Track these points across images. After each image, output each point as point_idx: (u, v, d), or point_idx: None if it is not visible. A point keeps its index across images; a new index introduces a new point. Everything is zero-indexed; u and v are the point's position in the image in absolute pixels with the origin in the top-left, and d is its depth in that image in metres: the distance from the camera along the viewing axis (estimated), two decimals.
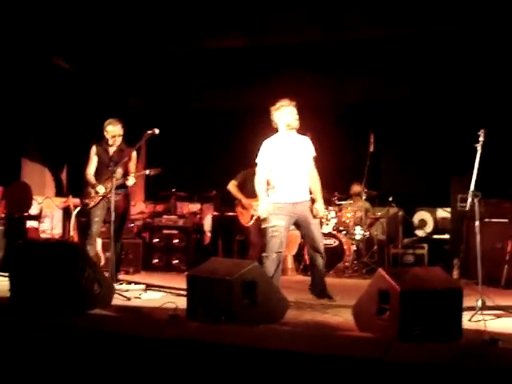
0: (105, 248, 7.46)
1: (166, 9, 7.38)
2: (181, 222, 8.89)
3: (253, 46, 8.37)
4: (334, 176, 8.71)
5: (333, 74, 8.60)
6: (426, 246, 8.65)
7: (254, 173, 7.97)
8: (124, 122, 6.86)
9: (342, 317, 5.16)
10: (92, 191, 6.71)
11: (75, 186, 7.92)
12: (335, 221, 8.72)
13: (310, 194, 6.02)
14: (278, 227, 5.70)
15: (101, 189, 6.64)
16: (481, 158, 5.45)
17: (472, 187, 5.48)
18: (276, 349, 3.80)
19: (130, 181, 6.67)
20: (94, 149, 6.83)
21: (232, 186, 8.00)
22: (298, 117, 5.79)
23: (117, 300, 5.66)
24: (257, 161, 5.94)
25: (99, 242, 7.29)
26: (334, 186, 8.92)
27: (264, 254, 5.78)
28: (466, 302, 5.00)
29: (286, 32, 7.99)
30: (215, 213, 9.41)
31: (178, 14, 7.51)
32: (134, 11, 7.47)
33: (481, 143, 5.41)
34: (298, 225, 5.95)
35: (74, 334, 4.29)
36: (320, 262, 5.98)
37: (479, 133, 5.41)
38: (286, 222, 5.74)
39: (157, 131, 6.24)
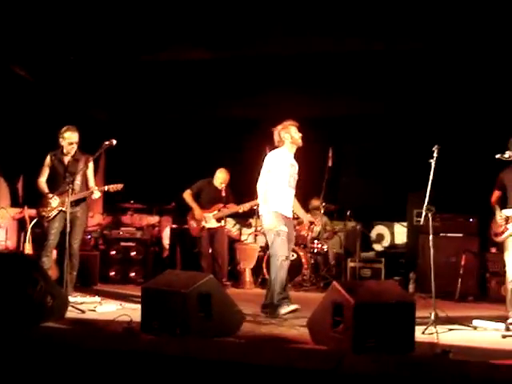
0: (61, 260, 7.33)
1: (132, 18, 7.33)
2: (138, 235, 8.81)
3: (217, 58, 8.38)
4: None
5: (292, 88, 8.65)
6: (382, 259, 8.74)
7: (210, 184, 8.06)
8: (84, 132, 6.79)
9: (297, 330, 5.18)
10: (48, 201, 6.60)
11: (31, 196, 7.78)
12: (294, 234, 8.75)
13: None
14: (285, 233, 5.95)
15: (54, 200, 6.54)
16: (436, 173, 5.55)
17: (426, 202, 5.59)
18: (230, 361, 3.78)
19: (96, 194, 6.61)
20: (48, 158, 6.74)
21: (187, 195, 8.07)
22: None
23: (71, 313, 5.58)
24: (271, 174, 6.07)
25: (54, 253, 7.16)
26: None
27: (281, 258, 5.89)
28: (420, 315, 5.09)
29: (247, 45, 8.02)
30: (174, 225, 9.35)
31: (145, 24, 7.47)
32: (98, 20, 7.39)
33: (435, 159, 5.51)
34: None
35: (26, 347, 4.20)
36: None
37: (433, 149, 5.52)
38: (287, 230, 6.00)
39: (114, 142, 6.20)
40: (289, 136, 6.14)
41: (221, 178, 8.10)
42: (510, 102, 8.38)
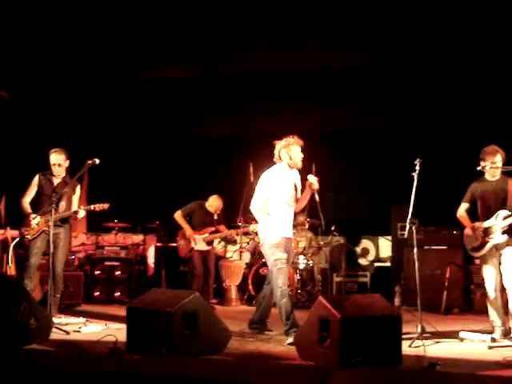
0: (44, 281, 7.25)
1: (115, 37, 7.35)
2: (123, 254, 8.73)
3: (201, 76, 8.41)
4: None
5: (277, 104, 8.72)
6: (368, 273, 8.76)
7: (202, 207, 8.06)
8: (69, 153, 6.76)
9: (284, 346, 5.17)
10: (32, 223, 6.55)
11: (13, 217, 7.70)
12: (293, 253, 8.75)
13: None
14: (284, 260, 5.67)
15: (35, 219, 6.49)
16: (419, 186, 5.58)
17: (410, 215, 5.61)
18: (218, 380, 3.75)
19: (81, 213, 6.58)
20: (36, 178, 6.70)
21: (178, 216, 8.05)
22: (301, 154, 5.89)
23: (55, 334, 5.52)
24: (256, 190, 5.88)
25: (37, 274, 7.09)
26: None
27: (280, 288, 5.61)
28: (407, 329, 5.11)
29: (234, 63, 8.08)
30: (158, 244, 9.30)
31: (128, 42, 7.49)
32: (80, 40, 7.40)
33: (417, 172, 5.55)
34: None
35: (9, 370, 4.13)
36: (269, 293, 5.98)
37: (415, 162, 5.55)
38: (286, 255, 5.73)
39: (97, 161, 6.18)
40: (288, 157, 5.85)
41: (215, 205, 8.11)
42: (490, 115, 8.51)
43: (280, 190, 5.80)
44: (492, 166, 5.68)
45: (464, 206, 5.98)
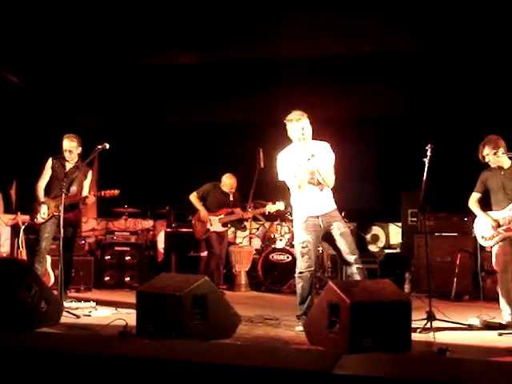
0: (54, 265, 7.29)
1: (120, 24, 7.33)
2: (133, 239, 8.77)
3: (209, 62, 8.38)
4: (288, 192, 8.77)
5: (286, 89, 8.68)
6: (378, 260, 8.74)
7: (216, 188, 8.02)
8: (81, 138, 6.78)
9: (293, 331, 5.17)
10: (43, 206, 6.58)
11: (24, 202, 7.75)
12: (288, 236, 8.74)
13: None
14: (306, 243, 5.41)
15: (44, 211, 6.51)
16: (430, 173, 5.54)
17: (420, 201, 5.58)
18: (226, 363, 3.75)
19: (90, 199, 6.63)
20: (49, 161, 6.73)
21: (193, 198, 8.03)
22: (306, 127, 5.46)
23: (66, 318, 5.56)
24: (280, 178, 5.58)
25: (49, 259, 7.13)
26: (288, 201, 8.96)
27: (296, 274, 5.50)
28: (417, 315, 5.10)
29: (236, 49, 8.05)
30: (168, 229, 9.32)
31: (136, 29, 7.47)
32: (88, 26, 7.38)
33: (428, 158, 5.49)
34: (326, 238, 5.58)
35: (19, 352, 4.16)
36: (354, 271, 5.39)
37: (426, 147, 5.50)
38: (313, 237, 5.43)
39: (107, 146, 6.16)
40: (291, 134, 5.56)
41: (228, 184, 8.05)
42: (502, 102, 8.43)
43: (291, 169, 5.46)
44: (492, 152, 5.60)
45: (475, 196, 5.85)
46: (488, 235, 5.66)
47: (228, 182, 8.06)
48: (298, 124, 5.45)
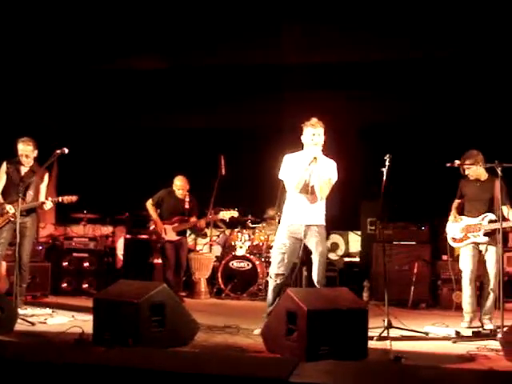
0: (10, 272, 7.15)
1: (85, 26, 7.28)
2: (92, 245, 8.67)
3: (171, 67, 8.37)
4: (249, 200, 8.82)
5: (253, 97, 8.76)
6: (337, 268, 8.81)
7: (170, 194, 7.93)
8: (38, 142, 6.67)
9: (252, 339, 5.18)
10: (9, 211, 6.44)
11: None
12: (249, 244, 8.77)
13: None
14: (282, 246, 5.50)
15: (10, 209, 6.40)
16: (388, 182, 5.61)
17: (379, 210, 5.66)
18: (183, 371, 3.74)
19: (48, 205, 6.51)
20: (3, 166, 6.61)
21: (149, 205, 7.92)
22: (318, 135, 5.49)
23: (21, 325, 5.46)
24: (280, 176, 5.63)
25: (4, 265, 7.00)
26: (249, 209, 9.00)
27: (269, 276, 5.69)
28: (374, 323, 5.16)
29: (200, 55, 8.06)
30: (128, 235, 9.22)
31: (99, 32, 7.42)
32: (49, 29, 7.31)
33: (387, 167, 5.58)
34: (307, 249, 5.55)
35: None
36: None
37: (385, 158, 5.58)
38: (291, 243, 5.49)
39: (66, 150, 6.08)
40: (303, 137, 5.60)
41: (180, 185, 7.86)
42: (459, 111, 8.61)
43: (295, 170, 5.50)
44: (471, 166, 6.05)
45: (455, 202, 6.38)
46: (458, 237, 6.18)
47: (179, 183, 7.87)
48: (312, 130, 5.50)
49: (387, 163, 5.59)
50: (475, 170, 6.08)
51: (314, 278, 5.45)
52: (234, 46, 7.67)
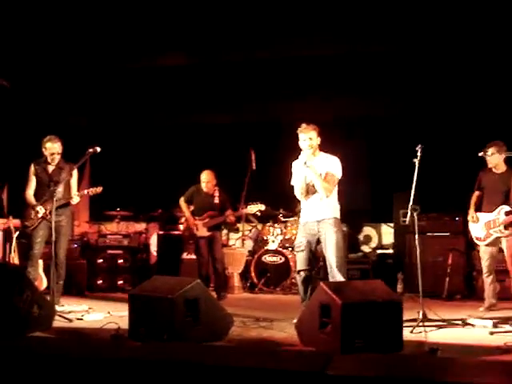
0: (47, 269, 7.27)
1: (111, 25, 7.35)
2: (126, 242, 8.76)
3: (199, 64, 8.41)
4: (280, 193, 8.79)
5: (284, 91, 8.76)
6: (370, 260, 8.77)
7: (199, 190, 7.95)
8: (65, 140, 6.77)
9: (286, 332, 5.18)
10: (32, 212, 6.58)
11: (16, 206, 7.73)
12: (281, 238, 8.76)
13: None
14: (299, 244, 5.78)
15: (40, 209, 6.51)
16: (421, 173, 5.57)
17: (411, 202, 5.61)
18: (219, 364, 3.76)
19: (75, 199, 6.60)
20: (32, 168, 6.72)
21: (182, 202, 7.94)
22: (308, 140, 5.70)
23: (58, 322, 5.55)
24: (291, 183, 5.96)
25: (41, 263, 7.13)
26: (280, 203, 8.98)
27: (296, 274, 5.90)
28: (409, 315, 5.13)
29: (228, 51, 8.09)
30: (161, 232, 9.29)
31: (125, 31, 7.48)
32: (78, 28, 7.39)
33: (419, 158, 5.54)
34: (320, 243, 5.81)
35: (12, 358, 4.15)
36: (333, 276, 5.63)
37: (417, 148, 5.54)
38: (307, 240, 5.74)
39: (98, 149, 6.17)
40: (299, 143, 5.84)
41: (205, 180, 7.82)
42: (492, 101, 8.47)
43: (296, 179, 5.86)
44: (492, 156, 6.18)
45: (474, 194, 6.46)
46: (482, 236, 6.23)
47: (204, 177, 7.82)
48: (302, 135, 5.75)
49: (419, 154, 5.55)
50: (496, 158, 6.17)
51: (328, 260, 5.61)
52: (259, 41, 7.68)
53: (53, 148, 6.64)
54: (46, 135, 6.78)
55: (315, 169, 5.66)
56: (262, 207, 7.78)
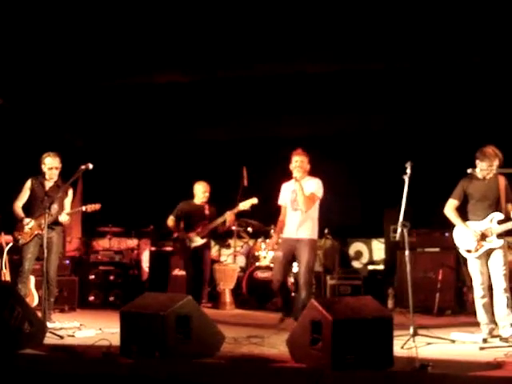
0: (38, 286, 7.26)
1: (106, 43, 7.39)
2: (117, 258, 8.76)
3: (193, 81, 8.46)
4: (272, 209, 8.82)
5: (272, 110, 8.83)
6: (361, 276, 8.79)
7: (190, 204, 7.96)
8: (62, 158, 6.80)
9: (277, 349, 5.18)
10: (25, 227, 6.57)
11: (8, 222, 7.72)
12: (272, 254, 8.78)
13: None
14: (274, 257, 6.64)
15: (29, 223, 6.51)
16: (411, 189, 5.61)
17: (401, 218, 5.64)
18: (210, 382, 3.78)
19: (63, 217, 6.58)
20: (28, 182, 6.74)
21: (170, 221, 7.94)
22: (300, 163, 6.61)
23: (49, 339, 5.53)
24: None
25: (32, 279, 7.11)
26: (271, 219, 9.01)
27: None
28: (399, 331, 5.14)
29: (224, 68, 8.15)
30: (152, 248, 9.29)
31: (120, 48, 7.53)
32: (72, 45, 7.44)
33: (408, 175, 5.57)
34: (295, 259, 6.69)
35: (3, 374, 4.15)
36: (301, 295, 6.49)
37: (406, 165, 5.58)
38: (283, 254, 6.59)
39: (91, 166, 6.20)
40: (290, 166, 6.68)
41: (198, 190, 7.89)
42: (480, 117, 8.57)
43: (284, 196, 6.82)
44: (488, 169, 5.65)
45: (453, 203, 5.92)
46: (472, 247, 5.74)
47: (196, 188, 7.90)
48: (298, 157, 6.62)
49: (408, 170, 5.59)
50: (487, 170, 5.65)
51: (300, 280, 6.51)
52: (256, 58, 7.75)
53: (52, 163, 6.68)
54: (41, 152, 6.81)
55: (302, 185, 6.51)
56: (255, 200, 7.74)
